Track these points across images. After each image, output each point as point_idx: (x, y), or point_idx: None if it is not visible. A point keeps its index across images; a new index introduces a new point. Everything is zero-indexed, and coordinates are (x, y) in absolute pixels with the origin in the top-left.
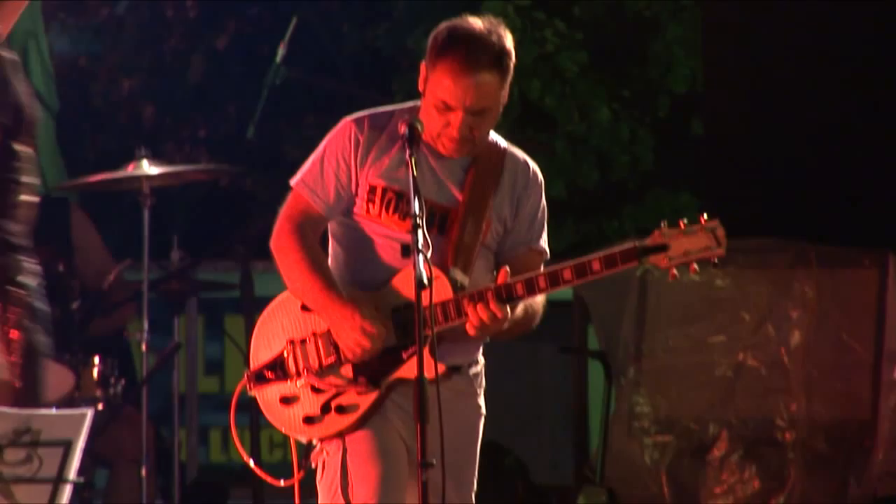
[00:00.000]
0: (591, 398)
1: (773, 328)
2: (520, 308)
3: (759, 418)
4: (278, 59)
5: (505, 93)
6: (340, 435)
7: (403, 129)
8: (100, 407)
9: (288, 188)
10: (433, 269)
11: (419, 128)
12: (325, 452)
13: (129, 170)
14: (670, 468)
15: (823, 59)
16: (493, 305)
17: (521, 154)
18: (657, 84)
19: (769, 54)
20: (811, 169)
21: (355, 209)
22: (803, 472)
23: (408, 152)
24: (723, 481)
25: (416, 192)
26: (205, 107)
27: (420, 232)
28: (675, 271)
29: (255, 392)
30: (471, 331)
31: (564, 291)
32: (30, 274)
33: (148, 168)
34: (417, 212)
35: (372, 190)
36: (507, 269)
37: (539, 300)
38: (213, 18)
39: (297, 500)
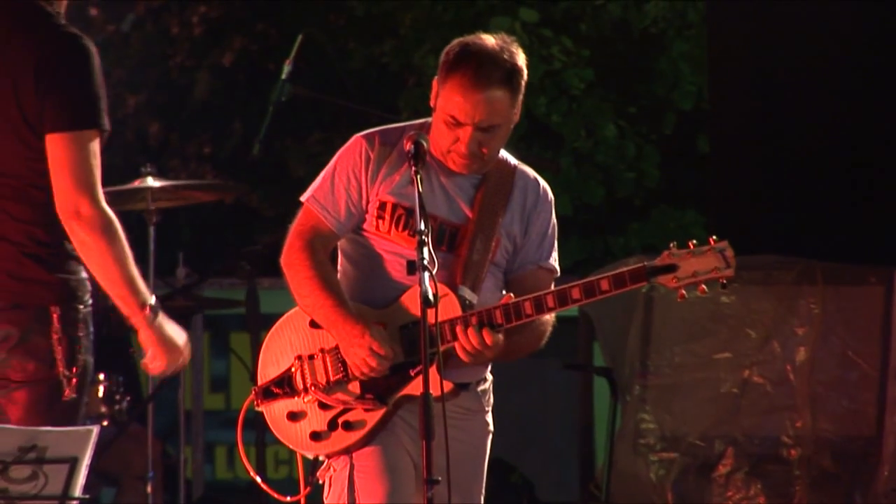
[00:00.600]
0: (596, 415)
1: (779, 345)
2: (526, 334)
3: (764, 435)
4: (284, 75)
5: (516, 111)
6: (347, 451)
7: (409, 146)
8: (105, 424)
9: (293, 205)
10: (441, 286)
11: (424, 144)
12: (331, 469)
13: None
14: (676, 485)
15: (829, 76)
16: (484, 331)
17: (531, 172)
18: (663, 101)
19: (775, 71)
20: (817, 186)
21: (365, 225)
22: (809, 488)
23: (413, 169)
24: (728, 498)
25: (422, 208)
26: (210, 124)
27: (426, 249)
28: (683, 292)
29: (262, 407)
30: (462, 356)
31: (571, 308)
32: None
33: (153, 185)
34: (423, 228)
35: (382, 206)
36: (511, 295)
37: (547, 319)
38: (219, 35)
39: None
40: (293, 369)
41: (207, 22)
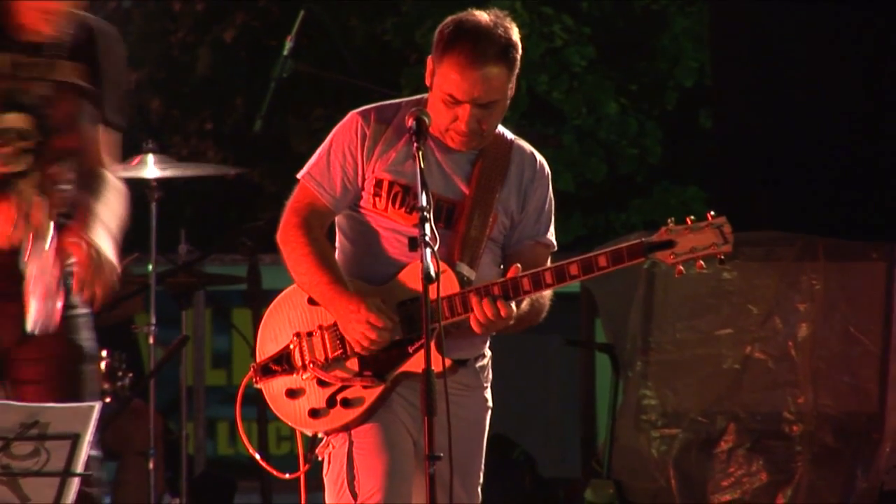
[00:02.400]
0: (598, 391)
1: (781, 321)
2: (525, 303)
3: (766, 411)
4: (286, 52)
5: (512, 85)
6: (346, 428)
7: (411, 123)
8: (107, 400)
9: (295, 181)
10: (440, 262)
11: (426, 121)
12: (330, 445)
13: (136, 163)
14: (677, 461)
15: (832, 52)
16: (498, 302)
17: (527, 146)
18: (665, 77)
19: (778, 47)
20: (819, 162)
21: (362, 203)
22: (810, 464)
23: (415, 145)
24: (730, 474)
25: (424, 184)
26: (212, 100)
27: (427, 225)
28: (681, 268)
29: (261, 385)
30: (475, 327)
31: (572, 284)
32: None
33: (155, 161)
34: (425, 205)
35: (378, 184)
36: (518, 266)
37: (546, 294)
38: (221, 11)
39: (303, 493)
40: (292, 346)
41: None
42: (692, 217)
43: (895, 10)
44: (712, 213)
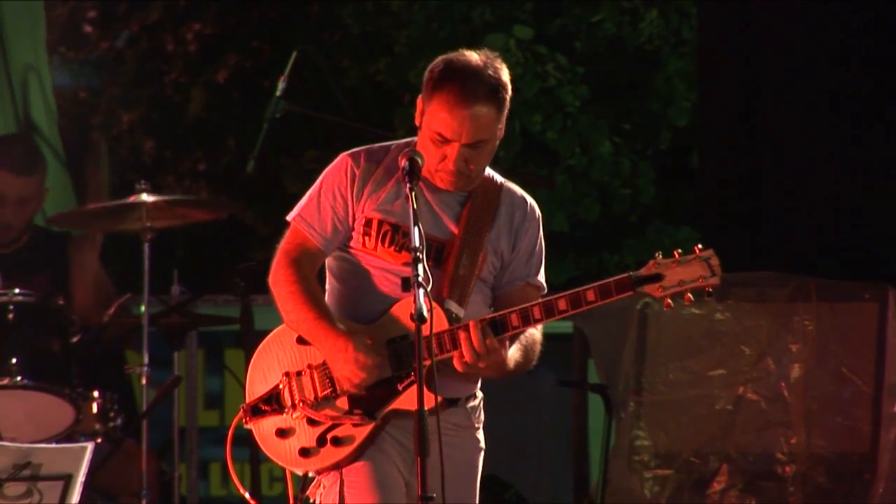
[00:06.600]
0: (590, 431)
1: (773, 361)
2: (518, 351)
3: (759, 452)
4: (278, 92)
5: (502, 126)
6: (337, 467)
7: (404, 163)
8: (100, 441)
9: (286, 223)
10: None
11: (420, 161)
12: (322, 485)
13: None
14: (670, 502)
15: (821, 92)
16: (487, 338)
17: (518, 189)
18: (658, 117)
19: (764, 88)
20: (811, 202)
21: (351, 242)
22: None
23: (408, 186)
24: None
25: (416, 224)
26: (205, 140)
27: (420, 265)
28: (669, 301)
29: (251, 425)
30: (458, 365)
31: (565, 324)
32: None
33: (148, 201)
34: (418, 245)
35: (368, 223)
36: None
37: (538, 340)
38: (213, 52)
39: None
40: (281, 386)
41: (202, 39)
42: (680, 250)
43: (889, 53)
44: (700, 246)
